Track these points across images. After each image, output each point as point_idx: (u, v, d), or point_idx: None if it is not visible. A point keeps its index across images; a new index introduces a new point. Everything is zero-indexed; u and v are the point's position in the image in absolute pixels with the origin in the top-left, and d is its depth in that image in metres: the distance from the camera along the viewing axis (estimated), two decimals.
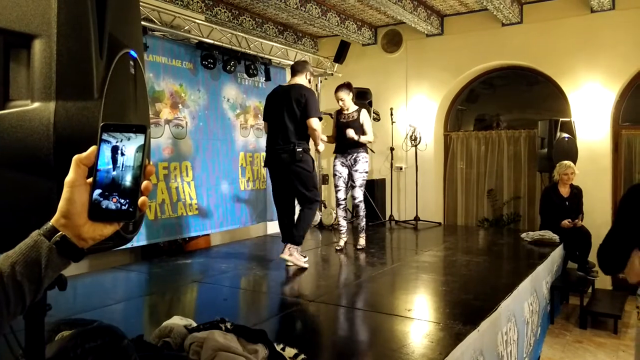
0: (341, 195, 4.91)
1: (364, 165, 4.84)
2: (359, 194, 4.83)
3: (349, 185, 4.94)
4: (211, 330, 2.09)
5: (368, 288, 3.68)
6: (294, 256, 4.06)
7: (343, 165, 4.88)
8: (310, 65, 4.38)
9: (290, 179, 4.07)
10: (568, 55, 6.02)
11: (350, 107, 4.89)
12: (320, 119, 4.14)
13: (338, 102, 4.87)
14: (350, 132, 4.69)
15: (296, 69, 4.24)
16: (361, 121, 4.82)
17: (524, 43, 6.29)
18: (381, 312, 3.03)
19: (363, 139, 4.80)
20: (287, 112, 4.03)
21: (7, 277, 0.76)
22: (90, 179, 0.79)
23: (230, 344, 2.00)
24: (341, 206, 4.94)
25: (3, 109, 1.00)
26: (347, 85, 4.90)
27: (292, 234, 4.08)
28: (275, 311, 3.23)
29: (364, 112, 4.90)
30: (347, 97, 4.85)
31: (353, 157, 4.83)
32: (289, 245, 4.06)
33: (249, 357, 1.96)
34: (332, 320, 3.03)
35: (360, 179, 4.82)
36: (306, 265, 4.10)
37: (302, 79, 4.15)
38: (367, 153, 4.95)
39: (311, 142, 4.18)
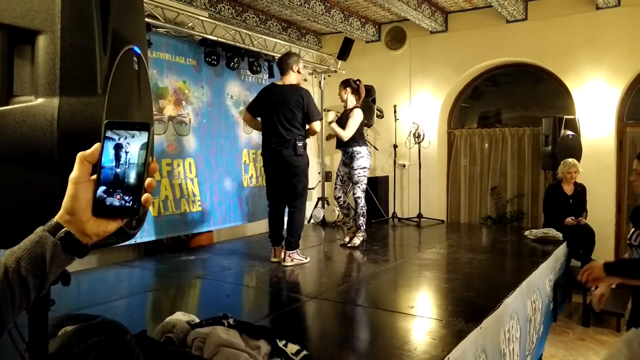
0: (337, 193, 4.95)
1: (361, 161, 4.72)
2: (356, 191, 4.74)
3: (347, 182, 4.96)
4: (214, 326, 2.10)
5: (370, 285, 3.68)
6: (295, 260, 4.11)
7: (344, 164, 4.88)
8: (295, 55, 4.23)
9: (286, 173, 4.04)
10: (573, 53, 5.99)
11: (349, 104, 4.88)
12: (321, 119, 4.26)
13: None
14: (332, 124, 4.72)
15: (281, 67, 4.15)
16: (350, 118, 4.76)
17: (528, 40, 6.26)
18: (383, 309, 3.03)
19: (333, 125, 4.72)
20: (286, 113, 4.01)
21: (12, 272, 0.76)
22: (95, 176, 0.79)
23: (232, 340, 2.00)
24: (339, 204, 5.00)
25: (7, 105, 1.01)
26: (343, 82, 4.93)
27: (286, 239, 4.10)
28: (277, 308, 3.23)
29: (357, 111, 4.77)
30: (343, 94, 4.87)
31: (349, 154, 4.78)
32: (287, 252, 4.09)
33: (251, 352, 1.97)
34: (334, 317, 3.04)
35: (356, 175, 4.72)
36: (307, 260, 4.17)
37: (292, 77, 4.11)
38: (363, 147, 4.76)
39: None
